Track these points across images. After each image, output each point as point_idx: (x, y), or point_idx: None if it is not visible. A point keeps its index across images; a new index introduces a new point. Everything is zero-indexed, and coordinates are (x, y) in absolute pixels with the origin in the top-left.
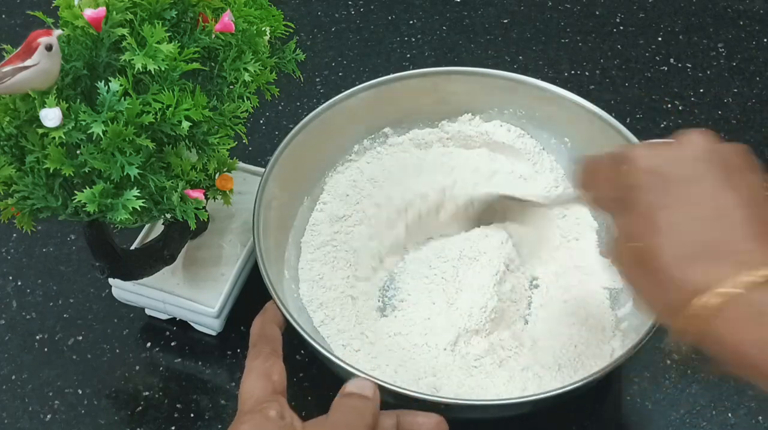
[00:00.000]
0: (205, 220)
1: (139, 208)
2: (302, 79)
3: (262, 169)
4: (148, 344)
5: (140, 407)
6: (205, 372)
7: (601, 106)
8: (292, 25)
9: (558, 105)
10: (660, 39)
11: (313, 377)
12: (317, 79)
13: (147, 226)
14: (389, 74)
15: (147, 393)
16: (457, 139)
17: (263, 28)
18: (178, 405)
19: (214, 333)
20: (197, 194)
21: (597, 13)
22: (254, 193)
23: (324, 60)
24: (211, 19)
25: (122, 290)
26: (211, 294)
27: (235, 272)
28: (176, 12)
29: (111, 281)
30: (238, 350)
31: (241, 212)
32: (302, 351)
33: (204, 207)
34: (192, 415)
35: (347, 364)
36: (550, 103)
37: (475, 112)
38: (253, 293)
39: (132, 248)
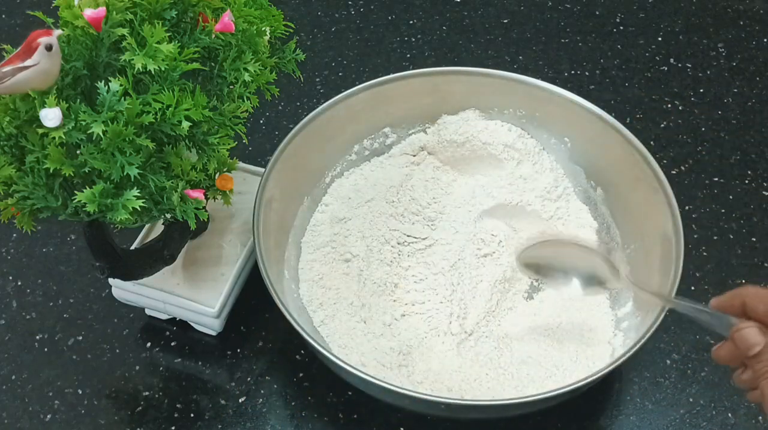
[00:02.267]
0: (205, 220)
1: (139, 208)
2: (302, 79)
3: (262, 169)
4: (148, 344)
5: (140, 407)
6: (205, 372)
7: (601, 106)
8: (292, 25)
9: (558, 105)
10: (660, 39)
11: (313, 377)
12: (317, 79)
13: (147, 226)
14: (389, 74)
15: (147, 393)
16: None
17: (263, 28)
18: (178, 405)
19: (214, 333)
20: (197, 194)
21: (597, 13)
22: (254, 193)
23: (324, 60)
24: (211, 19)
25: (122, 290)
26: (211, 294)
27: (235, 271)
28: (176, 12)
29: (111, 281)
30: (238, 350)
31: (241, 212)
32: (302, 351)
33: (204, 207)
34: (192, 415)
35: (347, 364)
36: (550, 103)
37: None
38: (252, 293)
39: (132, 248)
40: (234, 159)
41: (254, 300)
